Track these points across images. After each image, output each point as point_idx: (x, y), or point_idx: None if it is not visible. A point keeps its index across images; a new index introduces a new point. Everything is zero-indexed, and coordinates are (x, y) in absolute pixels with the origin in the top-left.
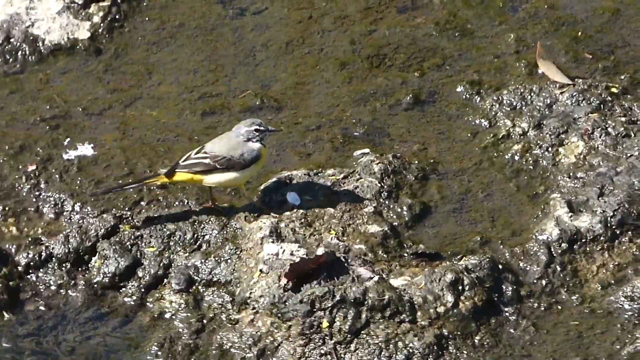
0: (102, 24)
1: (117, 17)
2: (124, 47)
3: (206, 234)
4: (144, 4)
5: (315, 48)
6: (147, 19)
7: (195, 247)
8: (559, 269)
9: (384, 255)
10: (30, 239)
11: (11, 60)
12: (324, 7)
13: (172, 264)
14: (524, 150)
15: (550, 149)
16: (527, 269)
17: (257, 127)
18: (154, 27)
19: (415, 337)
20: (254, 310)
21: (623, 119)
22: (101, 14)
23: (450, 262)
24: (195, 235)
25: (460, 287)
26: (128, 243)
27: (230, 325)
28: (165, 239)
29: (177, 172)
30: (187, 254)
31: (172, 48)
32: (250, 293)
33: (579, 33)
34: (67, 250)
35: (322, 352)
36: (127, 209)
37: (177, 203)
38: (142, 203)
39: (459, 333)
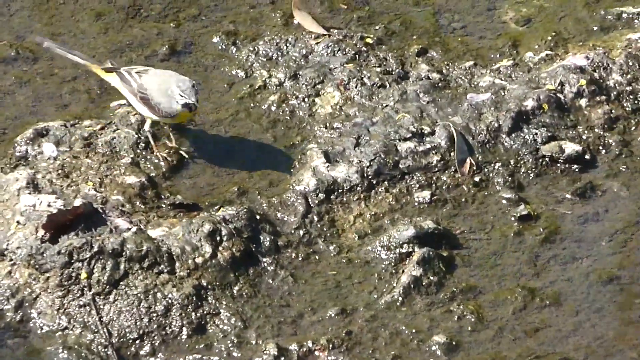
0: None
1: None
2: None
3: None
4: None
5: None
6: None
7: None
8: (316, 219)
9: (142, 207)
10: None
11: None
12: None
13: None
14: (281, 101)
15: (306, 100)
16: (285, 219)
17: (185, 101)
18: None
19: (174, 288)
20: (11, 262)
21: (378, 69)
22: None
23: (208, 212)
24: None
25: (218, 238)
26: None
27: None
28: None
29: (113, 74)
30: None
31: None
32: (7, 245)
33: None
34: None
35: (81, 303)
36: None
37: None
38: None
39: (217, 284)
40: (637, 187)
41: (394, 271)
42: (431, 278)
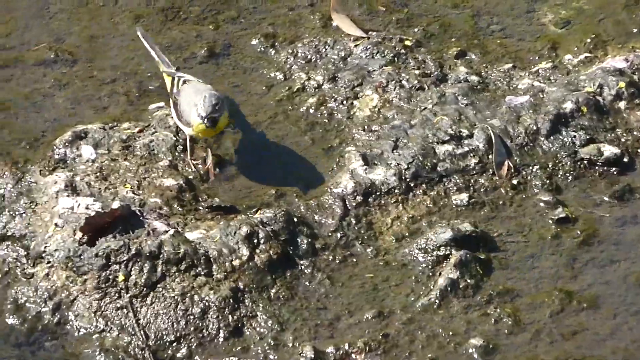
0: None
1: None
2: None
3: (0, 188)
4: None
5: (110, 1)
6: None
7: None
8: (353, 221)
9: (180, 209)
10: None
11: None
12: None
13: None
14: (319, 103)
15: (344, 102)
16: (322, 222)
17: (196, 104)
18: None
19: (211, 291)
20: (49, 264)
21: (417, 71)
22: None
23: (246, 215)
24: None
25: (255, 241)
26: None
27: (25, 280)
28: None
29: (169, 77)
30: None
31: None
32: (45, 247)
33: None
34: None
35: (118, 305)
36: None
37: None
38: None
39: (254, 286)
40: None
41: (431, 274)
42: (468, 281)
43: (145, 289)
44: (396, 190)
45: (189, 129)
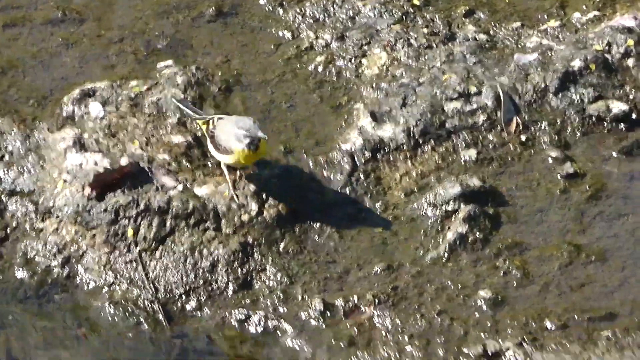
0: None
1: None
2: None
3: (8, 145)
4: None
5: None
6: None
7: None
8: (362, 177)
9: (188, 165)
10: None
11: None
12: None
13: None
14: (327, 62)
15: (353, 61)
16: (331, 177)
17: (246, 135)
18: None
19: (220, 245)
20: (58, 219)
21: (425, 30)
22: None
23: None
24: None
25: (264, 196)
26: None
27: (34, 234)
28: None
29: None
30: None
31: None
32: (54, 202)
33: None
34: None
35: (128, 259)
36: None
37: None
38: None
39: (263, 240)
40: None
41: (439, 228)
42: (477, 235)
43: (154, 243)
44: (404, 147)
45: (228, 157)
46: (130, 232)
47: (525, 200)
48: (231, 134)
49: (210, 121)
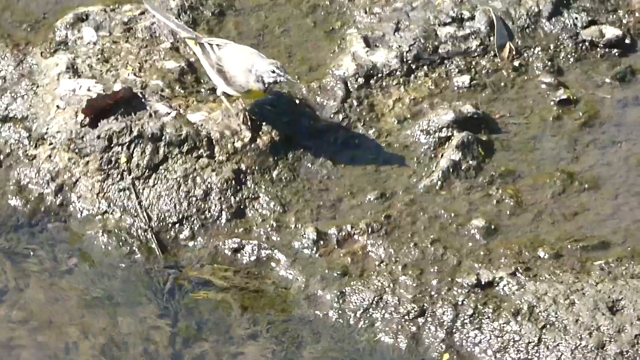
0: None
1: None
2: None
3: (2, 70)
4: None
5: None
6: None
7: None
8: (355, 103)
9: (181, 91)
10: None
11: None
12: None
13: None
14: None
15: None
16: (324, 104)
17: (273, 77)
18: None
19: (214, 172)
20: (51, 146)
21: None
22: None
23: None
24: None
25: (257, 122)
26: None
27: (27, 161)
28: None
29: (197, 46)
30: None
31: None
32: (47, 129)
33: None
34: None
35: (121, 187)
36: None
37: None
38: None
39: (257, 168)
40: None
41: (433, 155)
42: (470, 162)
43: (147, 171)
44: (398, 72)
45: (236, 93)
46: (123, 160)
47: (518, 127)
48: (246, 72)
49: (208, 49)
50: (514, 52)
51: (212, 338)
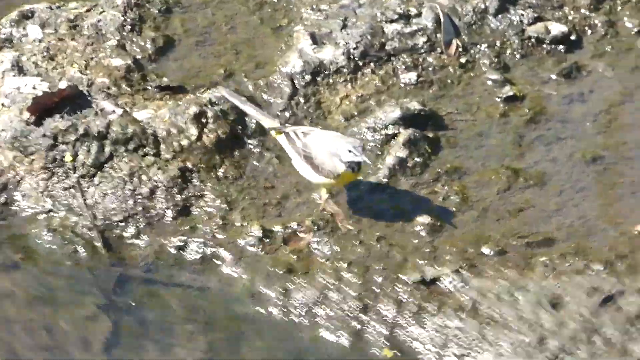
0: None
1: None
2: None
3: None
4: None
5: None
6: None
7: None
8: (302, 101)
9: (128, 89)
10: None
11: None
12: None
13: None
14: None
15: None
16: (271, 101)
17: (352, 158)
18: None
19: (160, 170)
20: None
21: None
22: None
23: (195, 95)
24: None
25: (204, 120)
26: None
27: None
28: None
29: (281, 134)
30: None
31: None
32: None
33: None
34: None
35: (66, 185)
36: None
37: None
38: None
39: (203, 166)
40: (622, 68)
41: (379, 152)
42: (416, 159)
43: (92, 169)
44: (345, 70)
45: (327, 180)
46: (68, 158)
47: (464, 124)
48: (332, 156)
49: (293, 137)
50: (460, 49)
51: (155, 336)
